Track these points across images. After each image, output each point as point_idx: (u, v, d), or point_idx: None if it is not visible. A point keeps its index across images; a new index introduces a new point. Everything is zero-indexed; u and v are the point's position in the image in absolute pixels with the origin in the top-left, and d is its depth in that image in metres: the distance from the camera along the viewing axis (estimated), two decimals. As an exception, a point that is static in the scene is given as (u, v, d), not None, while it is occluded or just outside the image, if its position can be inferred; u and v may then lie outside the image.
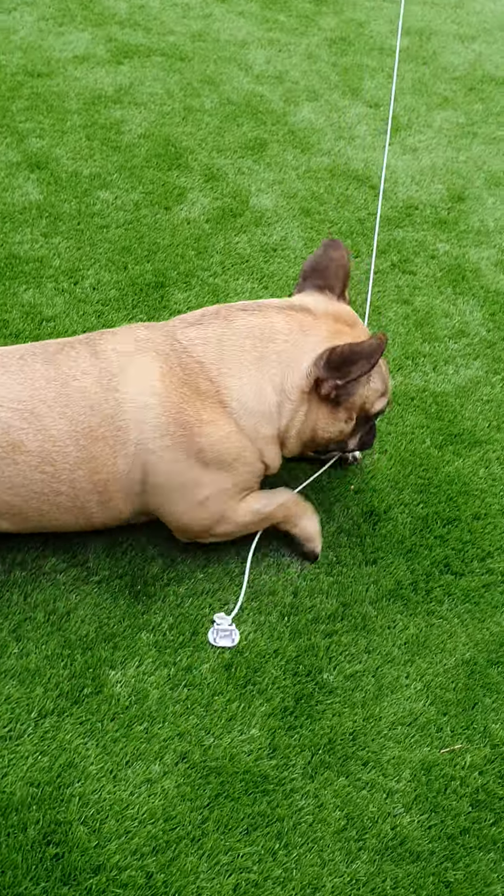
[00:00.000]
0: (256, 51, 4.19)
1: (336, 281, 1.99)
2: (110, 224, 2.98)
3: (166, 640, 1.90)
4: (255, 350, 1.85)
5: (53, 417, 1.81)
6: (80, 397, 1.82)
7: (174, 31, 4.23)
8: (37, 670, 1.82)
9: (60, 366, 1.86)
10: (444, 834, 1.69)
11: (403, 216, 3.26)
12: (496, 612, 2.05)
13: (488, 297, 2.96)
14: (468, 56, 4.51)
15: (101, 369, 1.84)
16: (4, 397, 1.81)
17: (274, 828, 1.67)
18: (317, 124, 3.72)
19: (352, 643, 1.95)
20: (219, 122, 3.61)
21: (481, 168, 3.63)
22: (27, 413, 1.81)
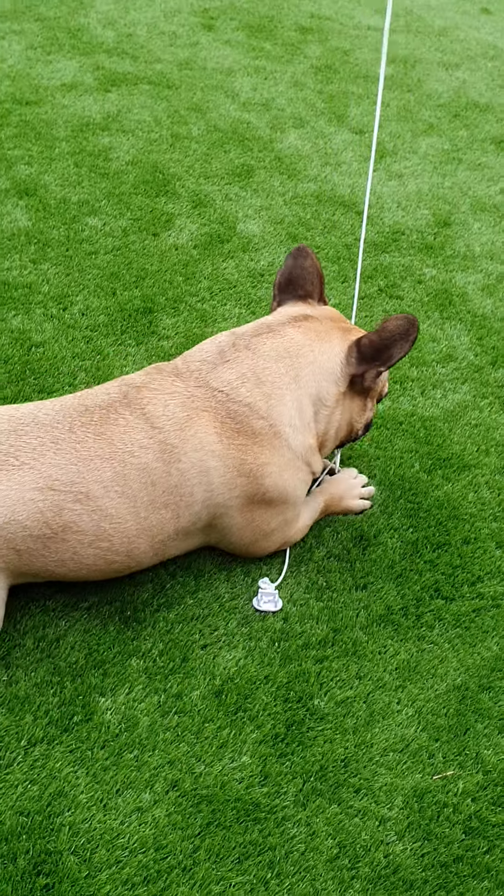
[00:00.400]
0: (243, 78, 4.24)
1: (313, 287, 2.06)
2: (99, 250, 2.99)
3: (156, 667, 1.89)
4: (290, 371, 1.91)
5: (111, 497, 1.78)
6: (140, 474, 1.79)
7: (161, 59, 4.28)
8: (26, 698, 1.81)
9: (114, 441, 1.79)
10: (437, 862, 1.68)
11: (390, 241, 3.29)
12: (487, 637, 2.05)
13: (475, 321, 2.99)
14: (452, 83, 4.58)
15: (160, 442, 1.81)
16: (58, 480, 1.75)
17: (266, 856, 1.65)
18: (303, 151, 3.76)
19: (343, 669, 1.95)
20: (206, 148, 3.65)
21: (466, 193, 3.67)
22: (82, 495, 1.76)
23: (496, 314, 3.04)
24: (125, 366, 2.57)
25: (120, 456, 1.78)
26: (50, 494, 1.73)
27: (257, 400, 1.87)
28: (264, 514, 1.94)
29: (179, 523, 1.86)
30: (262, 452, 1.87)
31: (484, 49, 5.09)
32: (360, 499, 2.25)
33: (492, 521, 2.31)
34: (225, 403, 1.86)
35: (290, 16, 5.02)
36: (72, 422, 1.80)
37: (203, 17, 4.78)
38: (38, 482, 1.73)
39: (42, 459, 1.75)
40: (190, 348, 2.02)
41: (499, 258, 3.32)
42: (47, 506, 1.73)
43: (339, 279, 3.06)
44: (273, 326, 1.96)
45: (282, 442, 1.90)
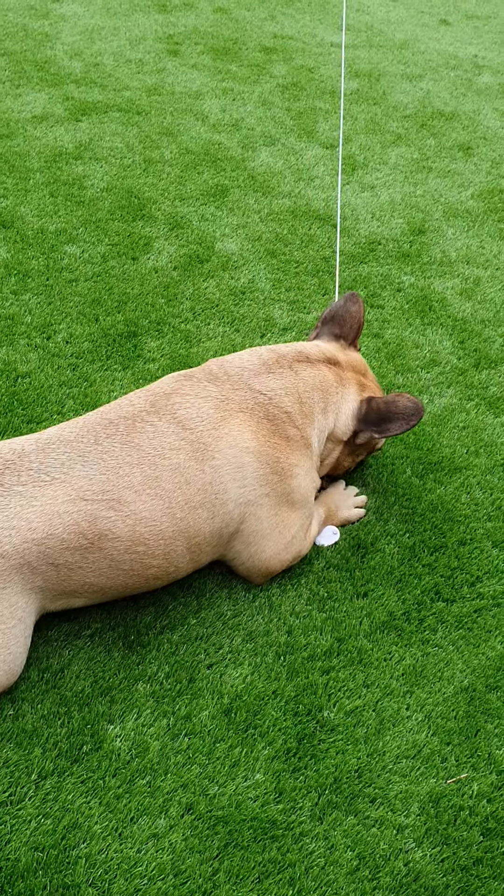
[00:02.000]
0: (211, 101, 4.28)
1: (350, 331, 2.23)
2: (79, 277, 3.00)
3: (163, 690, 1.88)
4: (321, 402, 2.06)
5: (143, 500, 1.80)
6: (173, 475, 1.83)
7: (129, 86, 4.31)
8: (34, 731, 1.79)
9: (142, 446, 1.83)
10: (457, 866, 1.67)
11: (367, 252, 3.32)
12: (490, 637, 2.05)
13: (456, 325, 3.01)
14: (417, 94, 4.64)
15: (192, 441, 1.86)
16: (89, 490, 1.77)
17: (286, 874, 1.64)
18: (275, 168, 3.79)
19: (349, 678, 1.94)
20: (179, 171, 3.67)
21: (438, 201, 3.71)
22: (114, 501, 1.78)
23: (476, 317, 3.06)
24: (113, 391, 2.57)
25: (150, 459, 1.82)
26: (83, 505, 1.75)
27: (296, 412, 2.00)
28: (288, 517, 1.99)
29: (214, 524, 1.88)
30: (294, 454, 1.98)
31: (445, 59, 5.16)
32: (355, 508, 2.28)
33: (486, 521, 2.32)
34: (265, 406, 1.96)
35: (253, 37, 5.07)
36: (97, 435, 1.83)
37: (168, 42, 4.83)
38: (69, 494, 1.75)
39: (71, 472, 1.77)
40: (178, 370, 2.03)
41: (475, 262, 3.35)
42: (82, 516, 1.75)
43: (320, 292, 3.08)
44: (311, 358, 2.08)
45: (309, 452, 2.03)
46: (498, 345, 2.95)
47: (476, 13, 6.05)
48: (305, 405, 2.01)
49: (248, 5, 5.54)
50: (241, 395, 1.95)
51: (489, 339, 2.97)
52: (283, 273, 3.15)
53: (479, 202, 3.73)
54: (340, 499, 2.28)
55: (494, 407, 2.69)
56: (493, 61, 5.21)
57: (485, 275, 3.28)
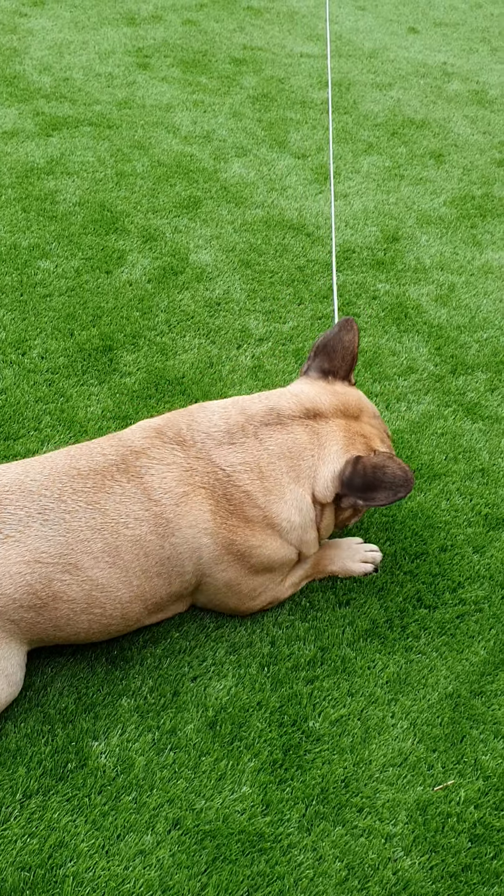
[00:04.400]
0: (182, 113, 4.29)
1: (342, 365, 2.03)
2: (53, 292, 3.00)
3: (147, 704, 1.87)
4: (292, 471, 1.88)
5: (101, 568, 1.76)
6: (133, 545, 1.77)
7: (100, 100, 4.32)
8: (17, 750, 1.78)
9: (108, 511, 1.76)
10: (446, 873, 1.67)
11: (342, 260, 3.33)
12: (473, 642, 2.06)
13: (432, 332, 3.03)
14: (387, 103, 4.67)
15: (156, 515, 1.79)
16: (45, 552, 1.71)
17: (275, 887, 1.63)
18: (248, 178, 3.80)
19: (334, 687, 1.94)
20: (152, 184, 3.68)
21: (411, 208, 3.73)
22: (70, 566, 1.73)
23: (451, 323, 3.08)
24: (90, 405, 2.56)
25: (113, 527, 1.76)
26: (37, 567, 1.71)
27: (256, 490, 1.85)
28: (250, 581, 1.93)
29: (171, 588, 1.87)
30: (255, 535, 1.87)
31: (415, 67, 5.20)
32: (362, 563, 2.17)
33: (466, 527, 2.33)
34: (224, 483, 1.84)
35: (222, 49, 5.09)
36: (62, 488, 1.76)
37: (137, 56, 4.84)
38: (24, 556, 1.70)
39: (28, 532, 1.71)
40: (155, 383, 2.01)
41: (449, 268, 3.38)
42: (35, 578, 1.71)
43: (295, 301, 3.09)
44: (283, 418, 1.91)
45: (275, 532, 1.89)
46: (474, 350, 2.97)
47: (444, 20, 6.11)
48: (269, 480, 1.86)
49: (217, 17, 5.56)
50: (203, 467, 1.84)
51: (465, 345, 2.99)
52: (257, 283, 3.16)
53: (451, 209, 3.76)
54: (347, 551, 2.17)
55: (472, 413, 2.71)
56: (462, 68, 5.26)
57: (459, 281, 3.31)
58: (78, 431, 2.47)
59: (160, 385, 2.66)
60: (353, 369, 2.06)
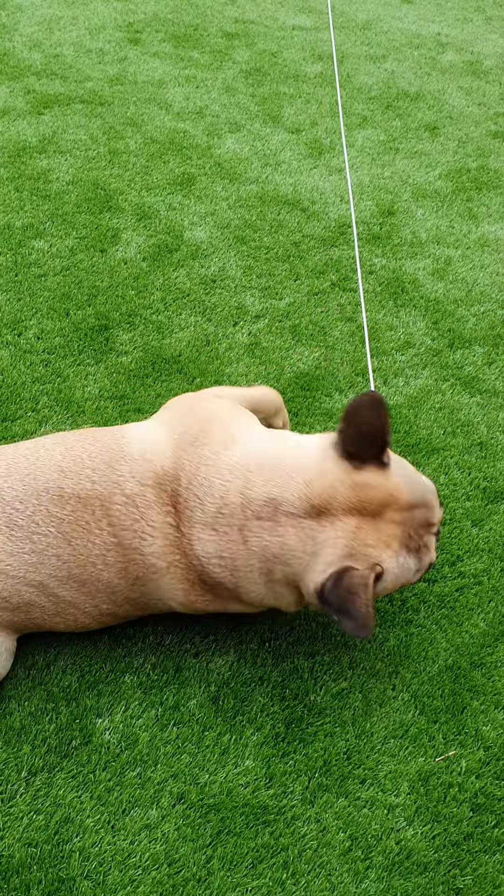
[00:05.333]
0: (174, 89, 4.25)
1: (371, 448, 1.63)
2: (48, 272, 2.98)
3: (150, 681, 1.89)
4: (265, 573, 1.66)
5: (67, 590, 1.72)
6: (99, 582, 1.71)
7: (91, 77, 4.27)
8: (22, 728, 1.79)
9: (77, 546, 1.68)
10: (448, 842, 1.69)
11: (337, 235, 3.32)
12: (472, 615, 2.07)
13: (429, 306, 3.02)
14: (381, 75, 4.63)
15: (126, 569, 1.70)
16: (10, 566, 1.68)
17: (279, 858, 1.65)
18: (242, 154, 3.77)
19: (335, 661, 1.95)
20: (145, 161, 3.65)
21: (406, 182, 3.71)
22: (36, 583, 1.70)
23: (448, 297, 3.07)
24: (87, 385, 2.55)
25: (80, 562, 1.69)
26: (2, 577, 1.69)
27: (227, 581, 1.69)
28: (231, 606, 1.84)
29: (147, 612, 1.82)
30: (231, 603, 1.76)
31: (408, 38, 5.15)
32: None
33: (465, 501, 2.33)
34: (198, 568, 1.68)
35: (214, 23, 5.03)
36: (37, 506, 1.68)
37: (128, 31, 4.78)
38: None
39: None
40: (152, 362, 1.99)
41: (445, 242, 3.36)
42: (2, 587, 1.69)
43: (292, 277, 3.07)
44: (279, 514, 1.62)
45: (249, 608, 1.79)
46: (471, 324, 2.96)
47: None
48: (240, 577, 1.67)
49: (209, -9, 5.49)
50: (184, 544, 1.67)
51: (462, 319, 2.98)
52: (253, 259, 3.14)
53: (447, 182, 3.74)
54: None
55: (470, 386, 2.71)
56: (456, 39, 5.21)
57: (456, 254, 3.29)
58: (75, 412, 2.47)
59: (157, 364, 2.66)
60: (384, 450, 1.65)
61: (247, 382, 2.63)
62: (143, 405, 2.51)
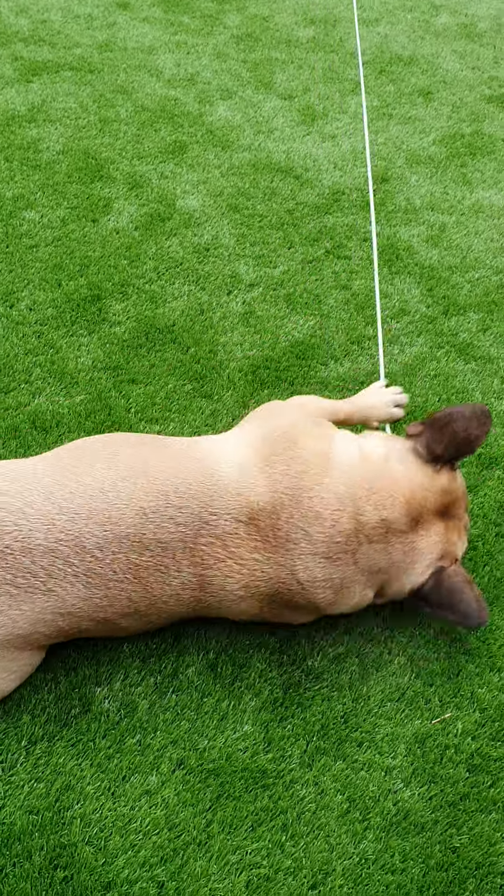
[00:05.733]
0: (165, 55, 4.19)
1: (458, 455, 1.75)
2: (39, 243, 2.95)
3: (149, 649, 1.90)
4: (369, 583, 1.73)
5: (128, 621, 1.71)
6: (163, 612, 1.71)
7: (80, 43, 4.21)
8: (21, 698, 1.80)
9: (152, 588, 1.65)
10: (445, 802, 1.71)
11: (331, 202, 3.29)
12: (469, 579, 2.08)
13: (423, 273, 3.00)
14: (374, 39, 4.56)
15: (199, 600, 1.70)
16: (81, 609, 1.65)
17: (278, 820, 1.67)
18: (234, 121, 3.73)
19: (332, 627, 1.96)
20: (136, 129, 3.60)
21: (400, 148, 3.67)
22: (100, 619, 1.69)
23: (443, 264, 3.05)
24: (80, 356, 2.54)
25: (151, 600, 1.67)
26: (69, 617, 1.66)
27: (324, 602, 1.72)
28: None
29: None
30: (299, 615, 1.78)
31: (402, 1, 5.07)
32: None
33: (460, 467, 2.33)
34: (295, 594, 1.69)
35: (204, -13, 4.95)
36: (116, 554, 1.62)
37: (117, -4, 4.71)
38: (60, 609, 1.64)
39: (70, 590, 1.62)
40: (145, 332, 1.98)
41: (439, 208, 3.33)
42: (67, 624, 1.67)
43: (285, 245, 3.05)
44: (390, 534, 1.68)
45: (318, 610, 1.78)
46: (466, 291, 2.94)
47: (430, -47, 5.93)
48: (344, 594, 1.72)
49: (198, -46, 5.40)
50: (279, 575, 1.66)
51: (457, 286, 2.96)
52: (246, 228, 3.12)
53: (441, 148, 3.70)
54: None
55: (465, 353, 2.70)
56: (450, 0, 5.13)
57: (450, 221, 3.27)
58: (69, 383, 2.46)
59: (150, 334, 2.64)
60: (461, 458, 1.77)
61: (241, 351, 2.62)
62: (138, 376, 2.50)
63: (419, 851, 1.65)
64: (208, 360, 2.58)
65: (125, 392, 2.45)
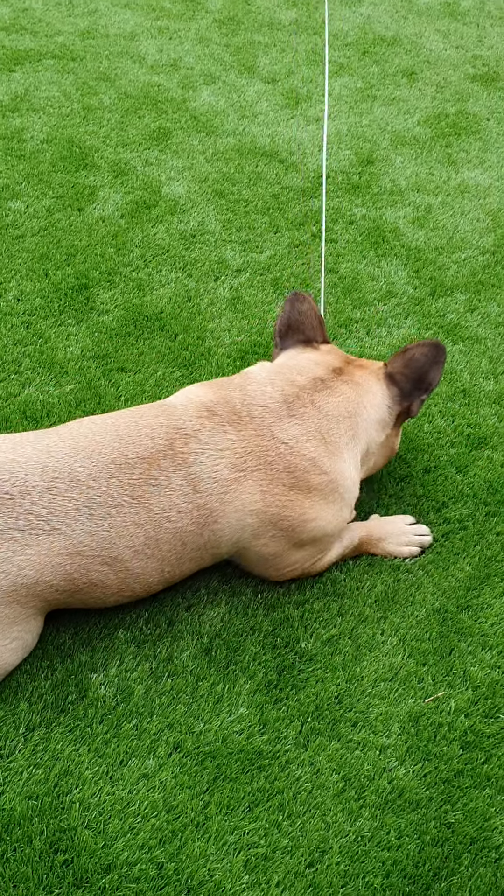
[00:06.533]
0: (147, 41, 4.17)
1: (315, 332, 2.07)
2: (25, 233, 2.95)
3: (143, 635, 1.91)
4: (350, 430, 1.92)
5: (140, 559, 1.76)
6: (173, 536, 1.77)
7: (61, 31, 4.19)
8: (18, 686, 1.82)
9: (151, 506, 1.74)
10: (439, 779, 1.74)
11: (316, 186, 3.29)
12: (458, 559, 2.10)
13: (410, 254, 3.00)
14: (357, 21, 4.55)
15: (200, 506, 1.77)
16: (88, 546, 1.71)
17: (275, 801, 1.69)
18: (218, 106, 3.72)
19: (324, 609, 1.98)
20: (120, 116, 3.59)
21: (385, 129, 3.67)
22: (110, 559, 1.74)
23: (429, 245, 3.06)
24: (69, 346, 2.55)
25: (155, 520, 1.75)
26: (78, 559, 1.71)
27: (321, 455, 1.86)
28: (290, 554, 1.92)
29: (201, 565, 1.89)
30: (312, 507, 1.86)
31: (384, -19, 5.04)
32: (407, 546, 2.10)
33: (449, 448, 2.35)
34: (286, 456, 1.83)
35: (185, -29, 4.92)
36: (109, 480, 1.73)
37: (97, -18, 4.68)
38: (67, 548, 1.69)
39: (74, 525, 1.69)
40: (133, 320, 1.99)
41: (425, 189, 3.33)
42: (75, 568, 1.71)
43: (272, 230, 3.05)
44: (327, 381, 1.94)
45: (337, 496, 1.90)
46: (452, 272, 2.95)
47: None
48: (331, 444, 1.88)
49: None
50: (263, 445, 1.82)
51: (443, 267, 2.97)
52: (232, 213, 3.12)
53: (425, 128, 3.70)
54: (395, 531, 2.11)
55: (452, 334, 2.71)
56: (432, -18, 5.11)
57: (436, 202, 3.27)
58: (59, 373, 2.46)
59: (139, 321, 2.65)
60: (324, 332, 2.10)
61: (229, 337, 2.62)
62: (127, 364, 2.51)
63: (414, 828, 1.67)
64: (196, 347, 2.58)
65: (114, 380, 2.46)
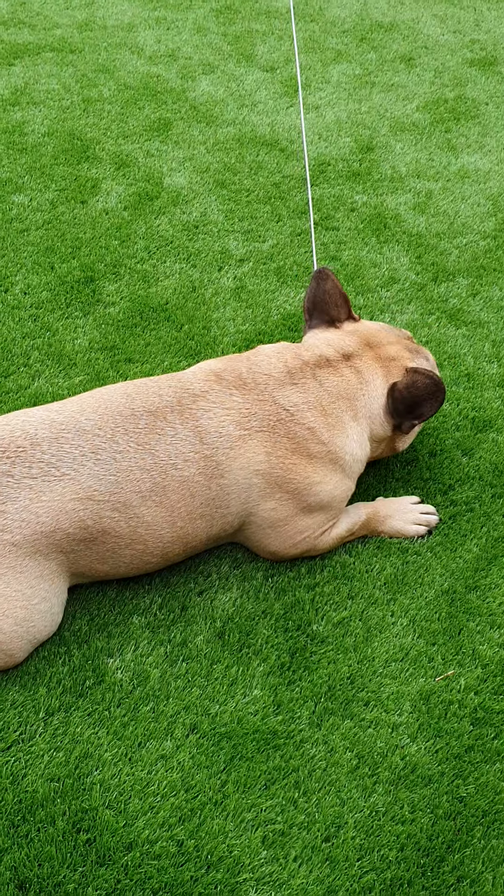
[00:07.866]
0: (145, 32, 4.18)
1: (339, 309, 2.13)
2: (30, 227, 2.98)
3: (158, 620, 1.95)
4: (350, 409, 1.98)
5: (149, 506, 1.83)
6: (180, 485, 1.84)
7: (59, 24, 4.20)
8: (36, 672, 1.86)
9: (157, 452, 1.83)
10: (450, 755, 1.78)
11: (317, 174, 3.31)
12: (465, 540, 2.13)
13: (412, 240, 3.03)
14: (354, 7, 4.55)
15: (206, 458, 1.85)
16: (97, 490, 1.79)
17: (291, 778, 1.73)
18: (217, 96, 3.73)
19: (334, 592, 2.02)
20: (120, 108, 3.61)
21: (384, 116, 3.68)
22: (119, 504, 1.81)
23: (431, 230, 3.08)
24: (76, 338, 2.58)
25: (161, 467, 1.83)
26: (90, 504, 1.78)
27: (320, 426, 1.94)
28: (297, 522, 1.97)
29: (212, 531, 1.93)
30: (315, 472, 1.94)
31: (380, -34, 5.04)
32: (414, 524, 2.13)
33: (455, 431, 2.38)
34: (287, 423, 1.91)
35: (181, -40, 4.92)
36: (115, 428, 1.83)
37: (94, -27, 4.68)
38: (78, 493, 1.77)
39: (82, 470, 1.78)
40: (140, 312, 2.02)
41: (425, 175, 3.35)
42: (88, 514, 1.78)
43: (274, 219, 3.08)
44: (332, 362, 2.01)
45: (337, 467, 1.97)
46: (454, 257, 2.97)
47: None
48: (332, 417, 1.95)
49: None
50: (265, 409, 1.91)
51: (445, 252, 2.99)
52: (234, 203, 3.14)
53: (424, 114, 3.71)
54: (400, 509, 2.14)
55: (455, 319, 2.74)
56: (428, -34, 5.10)
57: (436, 187, 3.29)
58: (67, 365, 2.49)
59: (144, 313, 2.68)
60: (350, 308, 2.15)
61: (234, 326, 2.65)
62: (134, 355, 2.54)
63: (427, 802, 1.71)
64: (202, 337, 2.61)
65: (122, 371, 2.49)
